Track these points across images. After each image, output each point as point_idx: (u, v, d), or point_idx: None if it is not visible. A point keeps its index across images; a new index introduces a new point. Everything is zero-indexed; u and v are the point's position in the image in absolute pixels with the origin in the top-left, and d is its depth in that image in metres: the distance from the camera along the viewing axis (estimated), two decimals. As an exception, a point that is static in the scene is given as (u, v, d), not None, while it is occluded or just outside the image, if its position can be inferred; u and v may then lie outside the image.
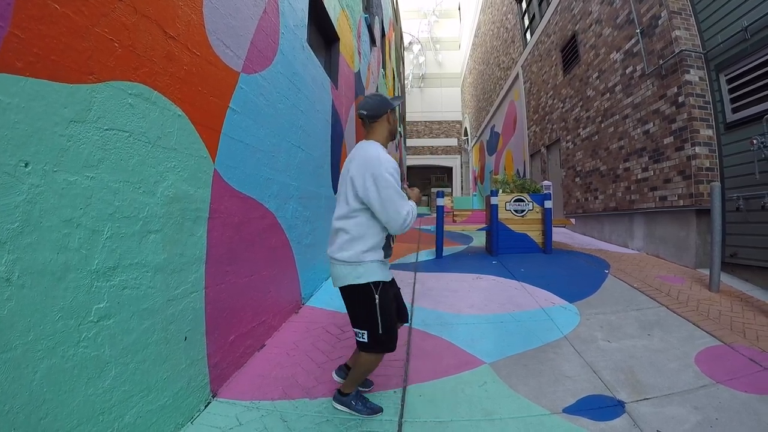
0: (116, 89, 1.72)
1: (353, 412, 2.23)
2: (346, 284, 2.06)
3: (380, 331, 2.04)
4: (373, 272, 2.04)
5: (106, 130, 1.67)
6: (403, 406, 2.35)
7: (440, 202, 6.62)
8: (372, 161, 2.00)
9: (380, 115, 2.19)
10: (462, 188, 28.70)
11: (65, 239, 1.48)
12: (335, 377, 2.49)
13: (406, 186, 2.22)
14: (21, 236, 1.33)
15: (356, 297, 2.08)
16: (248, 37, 2.99)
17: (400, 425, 2.15)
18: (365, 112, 2.19)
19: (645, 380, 2.55)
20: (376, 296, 2.03)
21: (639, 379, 2.57)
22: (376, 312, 2.03)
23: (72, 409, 1.50)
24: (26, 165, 1.34)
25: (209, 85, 2.46)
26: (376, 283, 2.04)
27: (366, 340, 2.06)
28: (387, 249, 2.13)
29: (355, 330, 2.11)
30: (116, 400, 1.70)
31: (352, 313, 2.14)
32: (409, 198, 2.17)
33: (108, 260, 1.67)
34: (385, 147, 2.22)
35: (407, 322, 2.54)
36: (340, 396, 2.28)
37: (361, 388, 2.38)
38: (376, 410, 2.26)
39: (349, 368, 2.39)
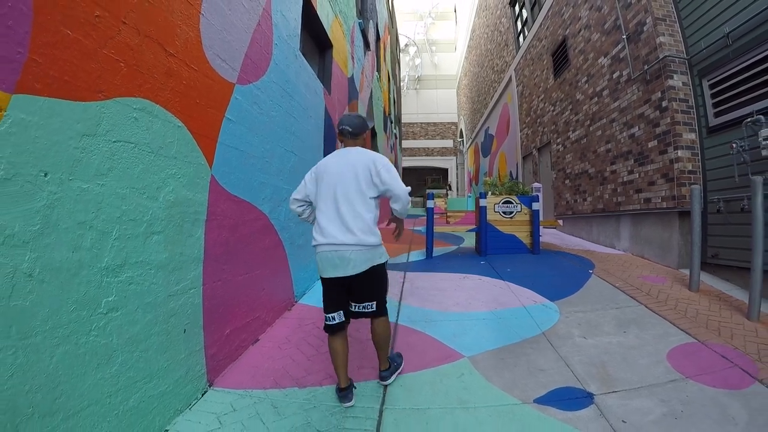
0: (123, 105, 1.90)
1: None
2: (373, 265, 2.41)
3: (386, 300, 2.54)
4: (385, 253, 2.51)
5: (114, 142, 1.85)
6: (384, 394, 2.51)
7: (430, 203, 6.76)
8: (378, 157, 2.46)
9: (361, 133, 2.54)
10: (457, 189, 28.82)
11: (79, 240, 1.66)
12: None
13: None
14: (41, 237, 1.50)
15: (379, 273, 2.45)
16: (243, 50, 3.16)
17: (380, 412, 2.32)
18: (350, 129, 2.52)
19: (616, 374, 2.65)
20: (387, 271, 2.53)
21: (610, 373, 2.67)
22: (386, 283, 2.56)
23: (83, 391, 1.67)
24: (45, 174, 1.52)
25: (206, 97, 2.63)
26: (385, 264, 2.52)
27: (375, 309, 2.45)
28: None
29: (366, 303, 2.45)
30: (122, 385, 1.87)
31: (370, 288, 2.45)
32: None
33: (116, 258, 1.85)
34: None
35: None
36: (386, 372, 2.62)
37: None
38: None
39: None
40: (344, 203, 2.37)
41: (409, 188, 2.46)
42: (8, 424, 1.37)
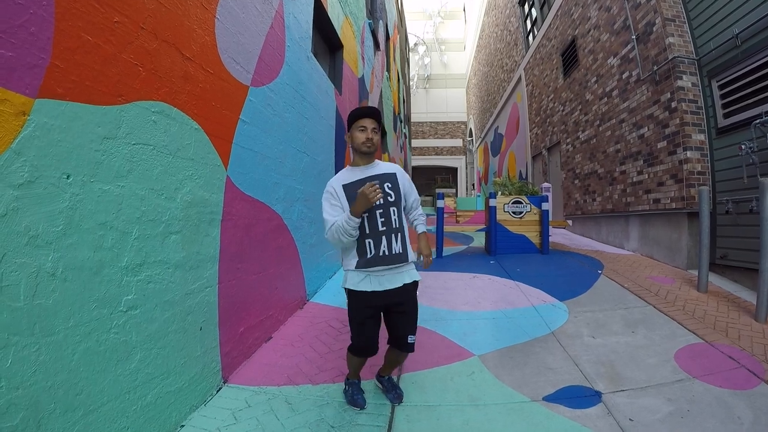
0: (141, 108, 1.95)
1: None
2: None
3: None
4: (344, 280, 2.27)
5: (134, 144, 1.90)
6: (397, 392, 2.54)
7: (440, 203, 6.79)
8: None
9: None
10: (466, 189, 28.78)
11: (100, 240, 1.71)
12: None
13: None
14: (64, 237, 1.55)
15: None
16: (256, 52, 3.21)
17: (393, 408, 2.36)
18: None
19: (624, 373, 2.67)
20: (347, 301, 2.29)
21: (618, 372, 2.69)
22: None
23: (103, 387, 1.72)
24: (68, 177, 1.57)
25: (222, 99, 2.68)
26: (347, 290, 2.26)
27: None
28: (362, 257, 2.17)
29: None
30: (140, 381, 1.92)
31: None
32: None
33: (136, 258, 1.90)
34: (358, 162, 2.32)
35: (400, 348, 2.32)
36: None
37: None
38: (355, 404, 2.37)
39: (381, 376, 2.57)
40: None
41: (332, 220, 2.12)
42: (31, 420, 1.41)
